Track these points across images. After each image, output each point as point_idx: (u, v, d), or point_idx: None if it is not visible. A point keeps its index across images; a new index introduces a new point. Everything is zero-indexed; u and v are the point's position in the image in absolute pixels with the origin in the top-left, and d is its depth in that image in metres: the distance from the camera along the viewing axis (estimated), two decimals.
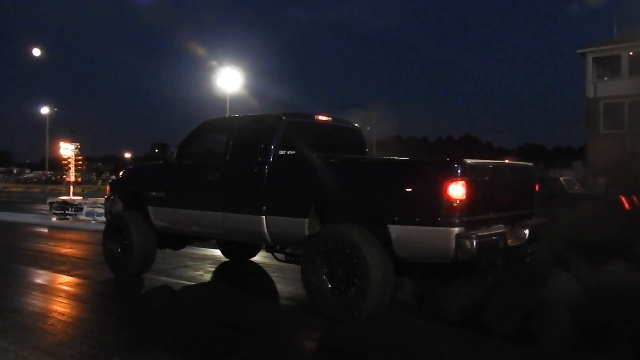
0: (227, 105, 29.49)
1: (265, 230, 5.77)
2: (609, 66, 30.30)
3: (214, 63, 30.50)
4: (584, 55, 30.49)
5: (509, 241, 5.11)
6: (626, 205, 8.71)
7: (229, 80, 29.50)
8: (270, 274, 7.87)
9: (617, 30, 30.75)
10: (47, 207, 18.70)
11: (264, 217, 5.74)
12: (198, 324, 5.23)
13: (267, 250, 6.59)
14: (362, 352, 4.55)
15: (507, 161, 6.01)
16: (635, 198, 8.66)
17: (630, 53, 28.34)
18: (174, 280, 7.30)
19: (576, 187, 15.93)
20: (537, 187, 6.13)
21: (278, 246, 6.19)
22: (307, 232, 5.44)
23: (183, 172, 6.89)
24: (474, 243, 4.53)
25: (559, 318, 4.44)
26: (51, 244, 11.60)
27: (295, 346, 4.87)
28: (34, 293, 6.51)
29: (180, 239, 7.58)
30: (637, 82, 26.51)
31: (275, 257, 6.41)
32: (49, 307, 5.83)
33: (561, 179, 15.97)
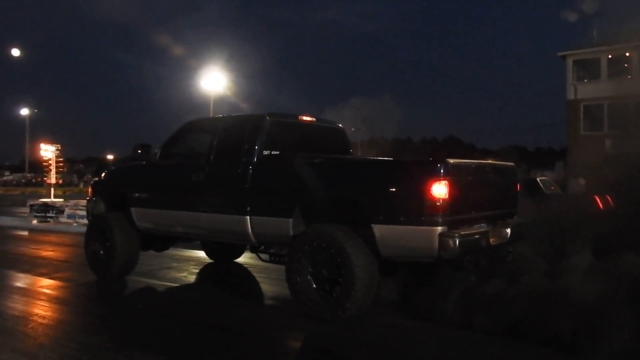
0: (211, 105, 29.38)
1: (250, 230, 5.77)
2: (588, 69, 30.81)
3: (199, 64, 30.42)
4: (564, 58, 31.00)
5: (491, 240, 5.18)
6: (600, 205, 8.84)
7: (214, 81, 29.38)
8: (254, 274, 7.86)
9: (597, 34, 31.31)
10: (27, 209, 18.43)
11: (248, 217, 5.73)
12: (182, 325, 5.20)
13: (252, 251, 6.57)
14: (348, 352, 4.56)
15: (489, 161, 6.08)
16: (609, 198, 8.77)
17: (610, 56, 28.85)
18: (157, 282, 7.25)
19: (552, 187, 16.25)
20: (518, 186, 6.22)
21: (262, 247, 6.18)
22: (291, 232, 5.45)
23: (166, 173, 6.85)
24: (457, 242, 4.57)
25: (544, 313, 4.51)
26: (32, 246, 11.43)
27: (280, 346, 4.86)
28: (14, 296, 6.42)
29: (163, 240, 7.53)
30: (616, 84, 26.98)
31: (260, 258, 6.40)
32: (29, 310, 5.74)
33: (538, 179, 16.29)
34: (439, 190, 4.60)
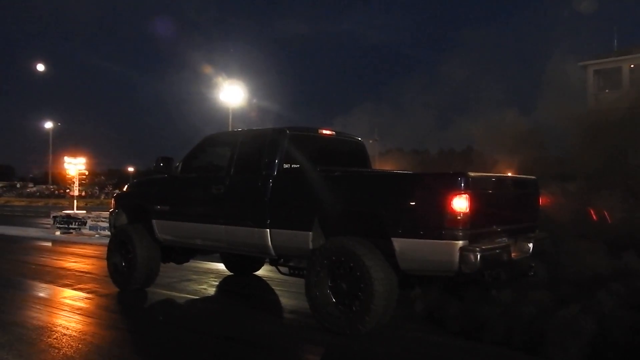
0: (230, 119, 29.65)
1: (270, 243, 5.79)
2: (610, 78, 30.41)
3: (217, 78, 30.77)
4: (585, 67, 30.64)
5: (512, 254, 5.12)
6: (594, 217, 8.81)
7: (232, 94, 29.68)
8: (274, 287, 7.87)
9: (618, 43, 30.96)
10: (50, 221, 18.77)
11: (268, 230, 5.77)
12: (202, 337, 5.23)
13: (271, 264, 6.60)
14: None
15: (510, 174, 6.02)
16: (606, 212, 8.67)
17: (632, 65, 28.46)
18: (177, 294, 7.31)
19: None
20: (540, 200, 6.15)
21: (282, 259, 6.20)
22: (311, 246, 5.46)
23: (187, 186, 6.93)
24: (478, 256, 4.53)
25: (562, 330, 4.44)
26: (55, 257, 11.62)
27: None
28: (37, 307, 6.53)
29: (184, 253, 7.60)
30: (638, 94, 26.56)
31: (279, 271, 6.42)
32: (53, 321, 5.83)
33: None
34: (460, 204, 4.57)
